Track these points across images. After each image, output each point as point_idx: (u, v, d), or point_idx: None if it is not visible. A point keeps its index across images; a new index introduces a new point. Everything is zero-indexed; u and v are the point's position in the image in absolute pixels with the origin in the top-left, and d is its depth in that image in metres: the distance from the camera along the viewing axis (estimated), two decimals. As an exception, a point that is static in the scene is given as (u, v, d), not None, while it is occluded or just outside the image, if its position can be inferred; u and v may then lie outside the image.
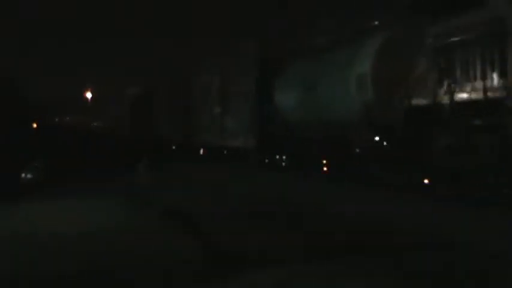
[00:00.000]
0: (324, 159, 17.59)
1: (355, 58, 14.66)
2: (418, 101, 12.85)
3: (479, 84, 10.80)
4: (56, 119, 56.27)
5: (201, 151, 29.00)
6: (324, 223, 9.58)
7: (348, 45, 15.71)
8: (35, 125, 25.62)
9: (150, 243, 8.42)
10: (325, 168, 17.51)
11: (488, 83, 10.56)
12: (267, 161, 21.08)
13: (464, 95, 11.28)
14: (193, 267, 6.96)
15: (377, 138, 14.99)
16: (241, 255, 7.44)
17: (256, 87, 20.65)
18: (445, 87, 11.76)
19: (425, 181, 12.65)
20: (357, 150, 16.17)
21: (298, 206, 11.71)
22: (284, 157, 19.99)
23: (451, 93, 11.55)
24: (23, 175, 17.19)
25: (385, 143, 14.54)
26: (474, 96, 10.97)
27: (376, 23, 15.43)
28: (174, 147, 34.60)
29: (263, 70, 20.44)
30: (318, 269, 6.70)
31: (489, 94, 10.53)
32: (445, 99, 11.73)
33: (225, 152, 25.55)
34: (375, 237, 8.32)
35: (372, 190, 13.55)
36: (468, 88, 11.14)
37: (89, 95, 59.24)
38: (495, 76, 10.49)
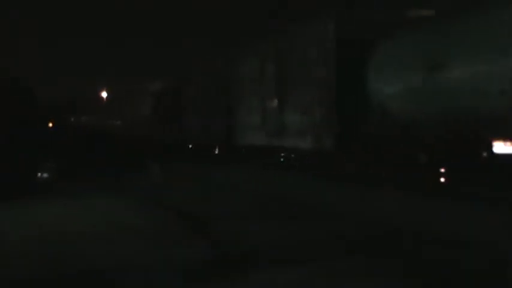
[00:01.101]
0: (440, 167, 12.99)
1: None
2: None
3: None
4: (72, 119, 54.15)
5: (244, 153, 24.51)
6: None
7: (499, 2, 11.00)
8: (50, 125, 25.22)
9: (160, 243, 8.37)
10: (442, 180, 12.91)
11: None
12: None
13: None
14: (201, 267, 6.98)
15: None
16: (247, 255, 7.49)
17: (336, 72, 15.90)
18: None
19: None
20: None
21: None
22: (373, 163, 15.25)
23: None
24: (39, 174, 17.27)
25: None
26: None
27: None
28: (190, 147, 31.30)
29: (347, 50, 15.67)
30: (325, 269, 6.73)
31: None
32: None
33: (283, 156, 21.00)
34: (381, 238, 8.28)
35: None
36: None
37: (104, 94, 57.82)
38: None
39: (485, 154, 12.35)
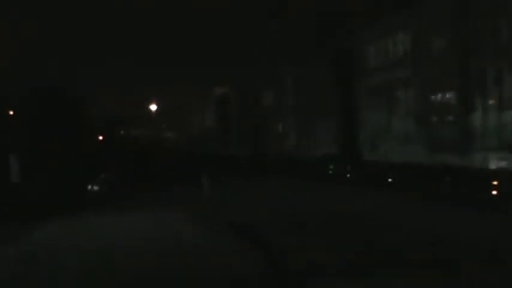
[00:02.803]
0: None
1: None
2: None
3: None
4: (121, 132, 51.16)
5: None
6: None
7: None
8: (100, 138, 24.51)
9: (216, 258, 8.21)
10: None
11: None
12: None
13: None
14: (256, 281, 6.94)
15: None
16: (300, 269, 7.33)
17: None
18: None
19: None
20: None
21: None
22: None
23: None
24: (89, 187, 17.40)
25: None
26: None
27: None
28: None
29: None
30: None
31: None
32: None
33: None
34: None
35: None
36: None
37: (153, 107, 55.87)
38: None
39: None
